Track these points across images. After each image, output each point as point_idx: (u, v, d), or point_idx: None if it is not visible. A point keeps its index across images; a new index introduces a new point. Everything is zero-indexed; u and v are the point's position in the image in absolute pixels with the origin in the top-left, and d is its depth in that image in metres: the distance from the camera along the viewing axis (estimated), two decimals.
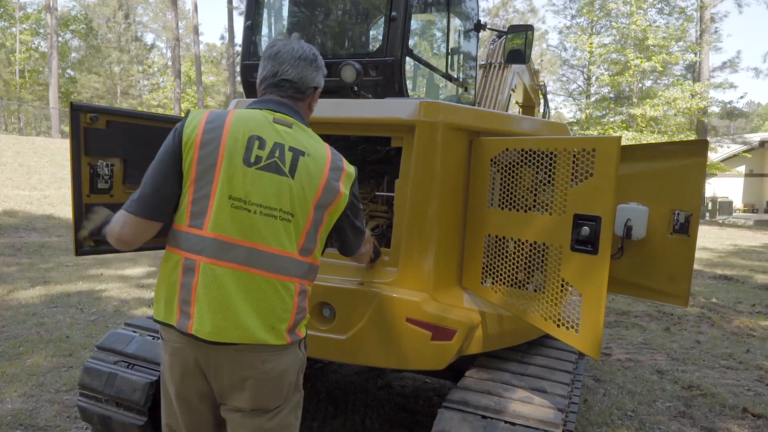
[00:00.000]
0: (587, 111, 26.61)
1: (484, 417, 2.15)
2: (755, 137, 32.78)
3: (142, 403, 2.66)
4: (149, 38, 62.61)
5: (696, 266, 10.31)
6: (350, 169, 1.78)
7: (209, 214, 1.56)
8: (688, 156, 2.61)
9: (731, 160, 30.37)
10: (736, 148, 29.20)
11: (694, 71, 25.20)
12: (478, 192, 2.52)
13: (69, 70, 45.24)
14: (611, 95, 25.86)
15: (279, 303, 1.62)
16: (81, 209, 2.33)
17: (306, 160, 1.64)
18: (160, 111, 46.11)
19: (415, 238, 2.42)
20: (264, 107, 1.70)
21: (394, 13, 2.68)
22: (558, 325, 2.19)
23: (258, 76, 1.78)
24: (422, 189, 2.41)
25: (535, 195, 2.34)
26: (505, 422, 2.11)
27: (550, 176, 2.24)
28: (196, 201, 1.58)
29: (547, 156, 2.24)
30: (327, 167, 1.68)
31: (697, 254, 11.95)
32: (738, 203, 32.23)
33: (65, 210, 13.02)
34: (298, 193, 1.62)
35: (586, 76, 29.81)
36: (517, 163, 2.38)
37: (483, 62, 4.99)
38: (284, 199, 1.60)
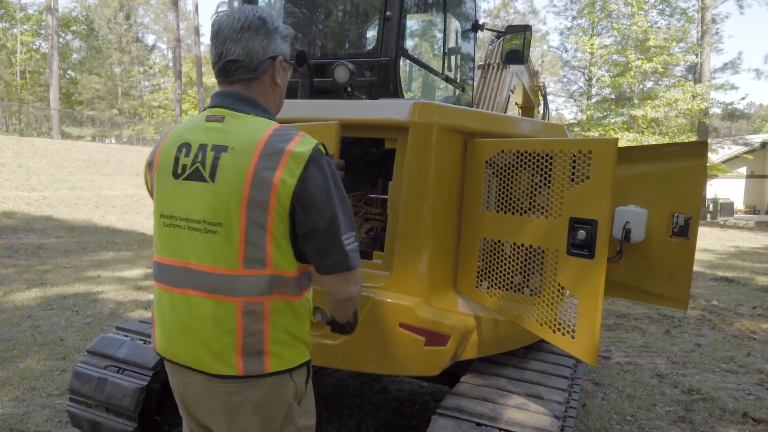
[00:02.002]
0: (588, 112, 26.56)
1: (478, 424, 2.11)
2: (756, 138, 32.72)
3: (132, 409, 2.62)
4: (150, 39, 62.70)
5: (697, 268, 10.26)
6: (300, 149, 1.34)
7: (156, 237, 1.51)
8: (688, 158, 2.57)
9: (732, 161, 30.32)
10: (737, 149, 29.15)
11: (695, 72, 25.15)
12: (473, 194, 2.48)
13: (70, 71, 45.32)
14: (612, 96, 25.83)
15: (217, 326, 1.39)
16: None
17: (227, 156, 1.36)
18: (161, 112, 46.19)
19: (408, 241, 2.38)
20: (209, 104, 1.49)
21: (388, 13, 2.65)
22: (554, 331, 2.15)
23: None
24: (416, 191, 2.37)
25: (531, 198, 2.30)
26: (500, 429, 2.07)
27: (545, 178, 2.20)
28: (155, 227, 1.53)
29: (542, 158, 2.20)
30: (256, 155, 1.34)
31: (698, 256, 11.92)
32: (739, 204, 32.16)
33: (64, 211, 13.01)
34: (221, 198, 1.35)
35: (587, 78, 29.76)
36: (513, 165, 2.34)
37: (481, 63, 4.95)
38: (206, 208, 1.37)
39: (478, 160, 2.44)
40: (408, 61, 3.26)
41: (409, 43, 3.81)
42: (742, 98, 71.25)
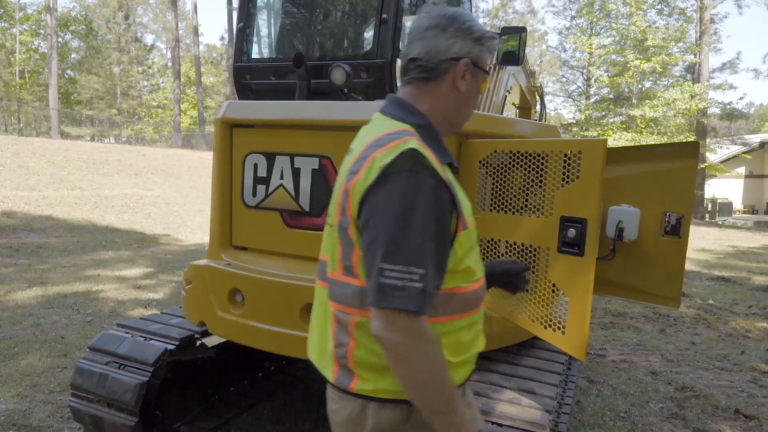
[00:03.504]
0: (587, 112, 26.62)
1: None
2: (755, 138, 32.80)
3: (133, 404, 2.67)
4: (149, 39, 62.73)
5: (694, 267, 10.32)
6: (383, 157, 1.18)
7: None
8: (680, 158, 2.62)
9: (731, 161, 30.40)
10: (735, 149, 29.22)
11: (693, 72, 25.21)
12: (467, 194, 2.52)
13: (69, 71, 45.33)
14: (611, 96, 25.89)
15: (326, 324, 1.35)
16: None
17: (347, 159, 1.33)
18: (160, 111, 46.18)
19: None
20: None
21: (384, 15, 2.69)
22: (545, 327, 2.20)
23: None
24: None
25: (524, 197, 2.35)
26: (492, 423, 2.12)
27: (537, 178, 2.25)
28: None
29: (534, 158, 2.25)
30: (355, 157, 1.26)
31: (696, 255, 11.98)
32: (738, 204, 32.24)
33: (63, 211, 13.04)
34: (333, 199, 1.34)
35: (585, 77, 29.82)
36: (506, 166, 2.39)
37: None
38: (331, 208, 1.36)
39: (472, 160, 2.49)
40: None
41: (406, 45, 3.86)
42: (741, 98, 71.59)
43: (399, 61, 1.35)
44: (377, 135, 1.26)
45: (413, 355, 1.14)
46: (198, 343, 3.04)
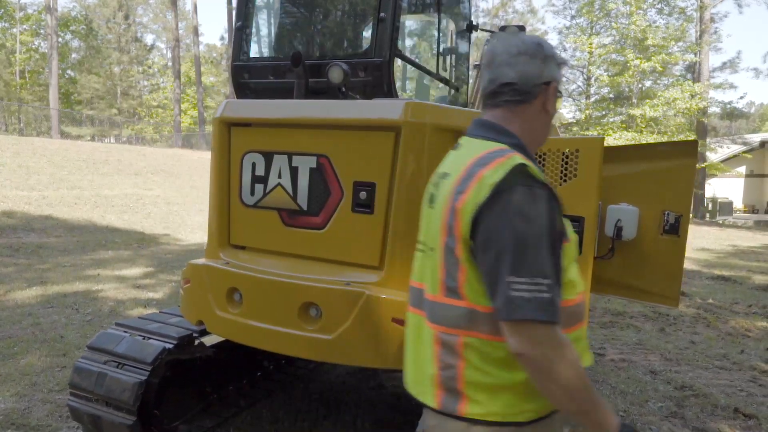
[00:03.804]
0: (587, 111, 26.59)
1: None
2: (755, 138, 32.78)
3: (132, 403, 2.67)
4: (149, 39, 62.70)
5: (694, 267, 10.32)
6: (491, 174, 1.22)
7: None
8: (678, 157, 2.62)
9: (731, 160, 30.36)
10: (736, 148, 29.19)
11: (693, 71, 25.19)
12: None
13: (69, 71, 45.36)
14: (611, 96, 25.86)
15: (427, 351, 1.36)
16: None
17: (444, 182, 1.36)
18: (160, 111, 46.19)
19: (401, 238, 2.42)
20: (468, 135, 1.47)
21: (382, 14, 2.69)
22: None
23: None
24: (408, 189, 2.41)
25: None
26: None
27: None
28: None
29: None
30: (458, 178, 1.29)
31: (696, 255, 11.97)
32: (738, 204, 32.22)
33: (63, 211, 13.05)
34: (434, 222, 1.36)
35: (585, 77, 29.78)
36: None
37: (477, 63, 4.99)
38: (428, 232, 1.40)
39: None
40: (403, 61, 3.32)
41: (404, 44, 3.85)
42: (741, 97, 71.68)
43: (489, 84, 1.41)
44: (477, 155, 1.30)
45: (558, 364, 1.15)
46: (197, 342, 3.04)
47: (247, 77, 3.08)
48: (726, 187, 31.99)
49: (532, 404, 1.27)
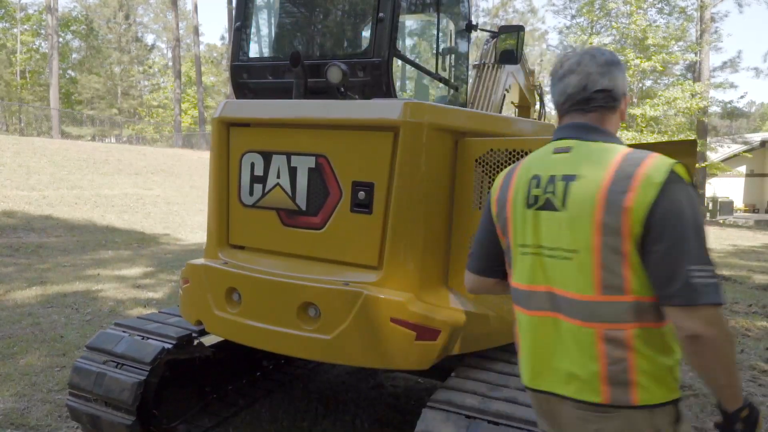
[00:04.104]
0: None
1: (468, 417, 2.16)
2: (756, 137, 32.75)
3: (131, 403, 2.68)
4: (150, 39, 62.73)
5: None
6: (653, 172, 1.32)
7: (513, 265, 1.58)
8: (677, 156, 2.61)
9: (732, 160, 30.34)
10: (736, 148, 29.17)
11: (694, 71, 25.18)
12: (463, 192, 2.53)
13: (69, 71, 45.37)
14: None
15: (581, 351, 1.40)
16: None
17: (575, 185, 1.41)
18: (161, 111, 46.21)
19: (400, 238, 2.43)
20: (554, 137, 1.57)
21: (381, 14, 2.68)
22: None
23: (554, 98, 1.59)
24: (407, 189, 2.42)
25: None
26: (489, 422, 2.12)
27: None
28: (507, 256, 1.62)
29: None
30: (607, 179, 1.36)
31: None
32: (739, 203, 32.19)
33: (63, 210, 13.05)
34: (575, 225, 1.39)
35: None
36: (502, 164, 2.39)
37: (477, 62, 4.99)
38: (561, 236, 1.43)
39: (468, 158, 2.49)
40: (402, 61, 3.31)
41: (403, 43, 3.85)
42: (741, 97, 71.50)
43: (581, 91, 1.52)
44: (617, 156, 1.39)
45: (725, 343, 1.29)
46: (195, 342, 3.04)
47: (246, 77, 3.08)
48: (726, 187, 31.96)
49: (678, 382, 1.41)
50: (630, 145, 1.54)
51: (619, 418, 1.38)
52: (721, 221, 24.54)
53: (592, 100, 1.49)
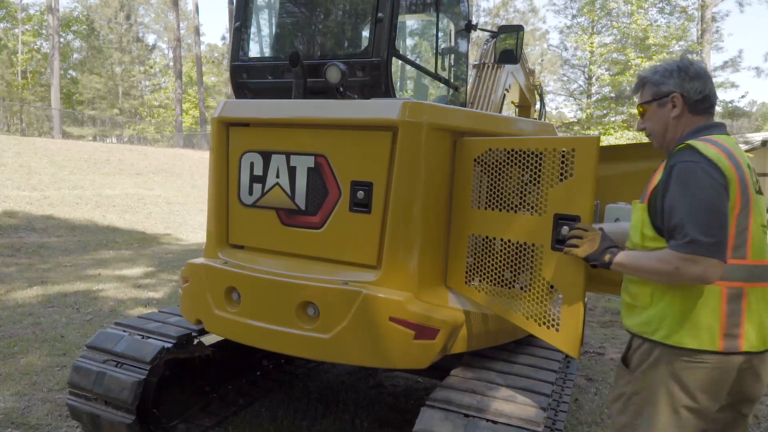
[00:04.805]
0: (588, 111, 26.58)
1: (466, 415, 2.16)
2: (757, 137, 32.58)
3: (130, 402, 2.68)
4: (151, 39, 62.82)
5: None
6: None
7: (749, 244, 1.72)
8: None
9: None
10: None
11: None
12: (461, 192, 2.53)
13: (71, 71, 45.38)
14: (612, 95, 25.83)
15: None
16: None
17: (748, 172, 1.78)
18: (162, 111, 46.24)
19: (398, 237, 2.43)
20: (722, 132, 1.85)
21: (380, 14, 2.69)
22: (539, 324, 2.20)
23: (698, 94, 1.82)
24: (406, 188, 2.42)
25: (518, 195, 2.35)
26: (487, 421, 2.13)
27: (530, 176, 2.25)
28: (737, 235, 1.71)
29: (527, 156, 2.25)
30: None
31: None
32: None
33: (64, 210, 13.07)
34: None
35: (586, 76, 29.77)
36: (500, 163, 2.40)
37: (476, 62, 4.99)
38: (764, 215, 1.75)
39: (467, 158, 2.50)
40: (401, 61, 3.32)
41: (402, 43, 3.86)
42: (743, 96, 71.19)
43: (714, 96, 1.92)
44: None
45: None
46: (195, 341, 3.05)
47: (246, 77, 3.09)
48: None
49: None
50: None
51: None
52: None
53: (713, 107, 1.89)
